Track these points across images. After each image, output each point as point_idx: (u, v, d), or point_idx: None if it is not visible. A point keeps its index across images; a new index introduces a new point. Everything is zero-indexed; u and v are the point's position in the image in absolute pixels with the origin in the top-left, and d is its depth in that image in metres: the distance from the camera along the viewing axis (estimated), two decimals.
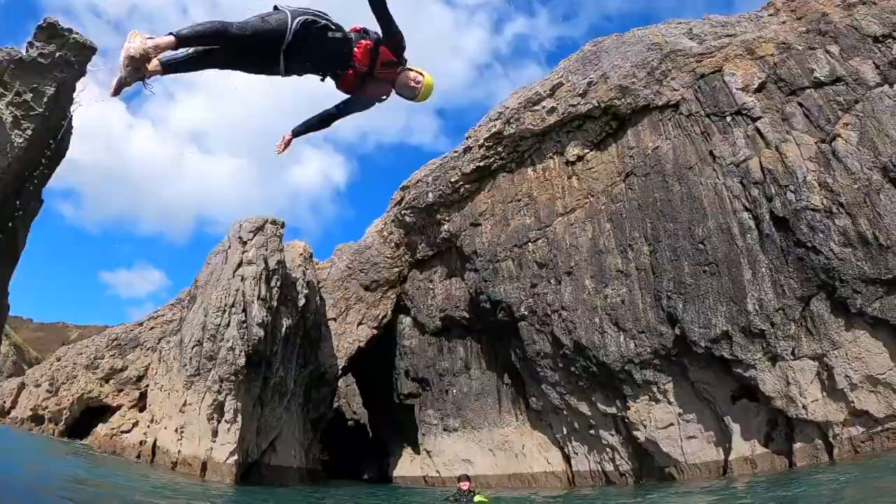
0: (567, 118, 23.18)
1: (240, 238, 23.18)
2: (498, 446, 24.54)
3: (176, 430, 21.02)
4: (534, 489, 21.97)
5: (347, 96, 4.81)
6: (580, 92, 22.78)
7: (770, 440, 17.89)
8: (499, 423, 25.06)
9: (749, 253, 18.46)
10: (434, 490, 22.52)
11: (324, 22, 4.42)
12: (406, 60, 4.68)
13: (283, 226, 24.27)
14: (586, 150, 23.23)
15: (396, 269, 28.55)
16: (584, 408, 21.91)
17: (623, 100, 21.90)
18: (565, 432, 22.78)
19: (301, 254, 25.99)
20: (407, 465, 27.69)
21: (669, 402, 19.89)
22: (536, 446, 23.72)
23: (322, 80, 4.70)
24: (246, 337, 21.42)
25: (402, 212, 27.84)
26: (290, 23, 4.25)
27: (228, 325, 21.23)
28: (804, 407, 16.93)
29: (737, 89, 19.65)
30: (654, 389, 20.00)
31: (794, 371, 17.27)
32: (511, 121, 24.36)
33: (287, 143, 4.86)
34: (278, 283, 23.03)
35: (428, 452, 26.61)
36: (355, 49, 4.50)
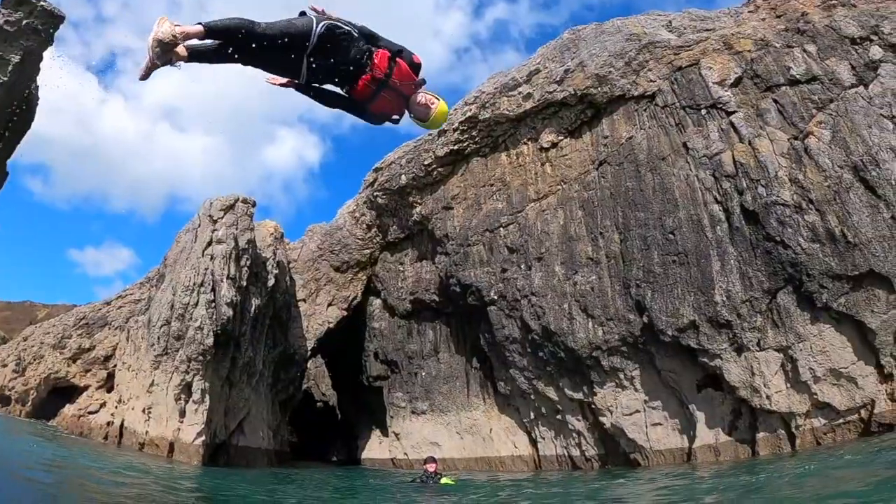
0: (543, 105, 23.18)
1: (210, 216, 22.81)
2: (466, 429, 24.72)
3: (143, 411, 20.76)
4: (500, 472, 22.19)
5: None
6: (557, 79, 22.77)
7: (734, 429, 18.27)
8: (467, 406, 25.22)
9: (718, 245, 18.70)
10: (402, 472, 22.61)
11: (347, 28, 4.50)
12: (424, 81, 4.70)
13: (254, 205, 23.95)
14: (561, 137, 23.28)
15: (367, 251, 28.44)
16: (551, 393, 22.14)
17: (599, 88, 21.96)
18: (532, 417, 23.01)
19: (272, 233, 25.69)
20: (375, 448, 27.76)
21: (636, 390, 20.19)
22: (504, 430, 23.94)
23: (343, 91, 4.68)
24: (214, 316, 21.16)
25: (375, 193, 27.69)
26: (315, 26, 4.35)
27: (197, 304, 20.94)
28: (768, 397, 17.29)
29: (713, 83, 19.80)
30: (621, 376, 20.28)
31: (759, 362, 17.61)
32: (487, 105, 24.30)
33: (285, 84, 4.75)
34: (248, 263, 22.75)
35: (396, 435, 26.72)
36: (375, 56, 4.57)
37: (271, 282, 24.29)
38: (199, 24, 4.11)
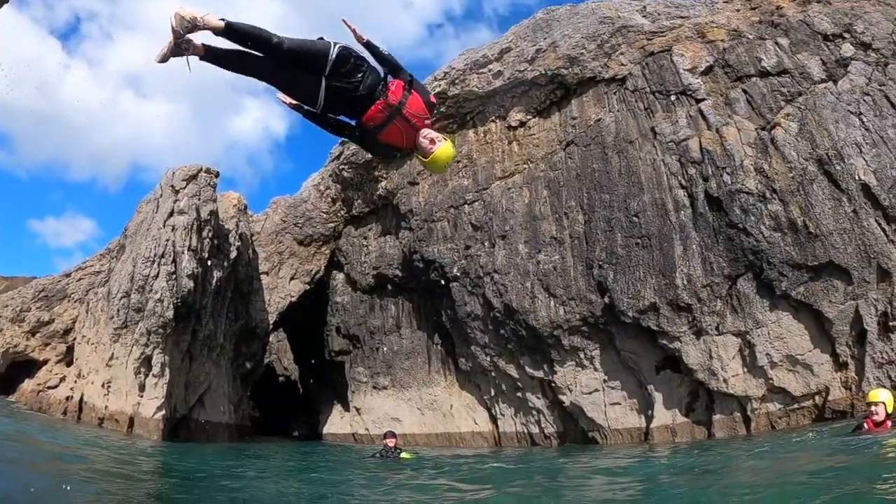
0: (513, 83, 23.06)
1: (172, 187, 22.25)
2: (426, 405, 24.86)
3: (103, 385, 20.33)
4: (460, 448, 22.43)
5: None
6: (528, 58, 22.66)
7: (691, 411, 18.74)
8: (428, 382, 25.34)
9: (681, 229, 18.99)
10: (362, 447, 22.70)
11: (362, 55, 4.56)
12: (436, 118, 4.75)
13: (217, 175, 23.43)
14: (529, 117, 23.26)
15: (332, 225, 28.15)
16: (512, 370, 22.37)
17: (570, 70, 21.93)
18: (493, 394, 23.24)
19: (235, 205, 25.20)
20: (337, 423, 27.77)
21: (595, 369, 20.53)
22: (464, 406, 24.14)
23: (354, 121, 4.67)
24: (175, 289, 20.76)
25: (341, 167, 27.35)
26: (332, 48, 4.40)
27: (157, 276, 20.49)
28: (725, 381, 17.76)
29: (684, 70, 19.92)
30: (581, 356, 20.58)
31: (717, 346, 18.05)
32: (456, 82, 24.09)
33: (294, 106, 4.75)
34: (210, 234, 22.31)
35: (357, 410, 26.75)
36: (391, 84, 4.55)
37: (233, 254, 23.90)
38: (222, 19, 4.11)
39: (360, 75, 4.41)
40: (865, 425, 9.34)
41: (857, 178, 16.45)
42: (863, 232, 16.07)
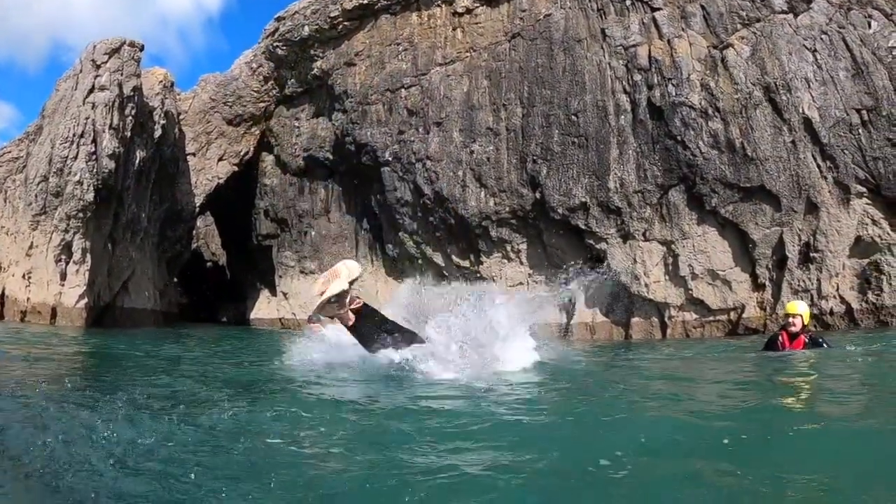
0: None
1: (93, 61, 20.55)
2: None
3: (24, 277, 19.41)
4: None
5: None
6: None
7: (611, 311, 19.45)
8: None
9: (619, 133, 19.02)
10: (289, 332, 22.82)
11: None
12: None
13: (141, 49, 21.67)
14: (476, 4, 22.25)
15: (263, 105, 26.84)
16: (438, 259, 22.61)
17: None
18: (418, 280, 23.48)
19: (161, 81, 23.56)
20: (264, 308, 27.71)
21: (521, 262, 20.96)
22: (390, 292, 24.35)
23: None
24: (95, 170, 19.67)
25: (275, 44, 25.78)
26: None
27: (76, 157, 19.30)
28: (646, 286, 18.46)
29: None
30: (508, 248, 20.92)
31: (642, 251, 18.62)
32: None
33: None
34: (133, 112, 20.96)
35: (284, 294, 26.70)
36: None
37: (158, 133, 22.63)
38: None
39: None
40: (780, 338, 9.68)
41: (801, 111, 16.58)
42: (798, 163, 16.39)
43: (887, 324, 15.08)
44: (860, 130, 16.17)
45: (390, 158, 23.20)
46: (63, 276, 19.21)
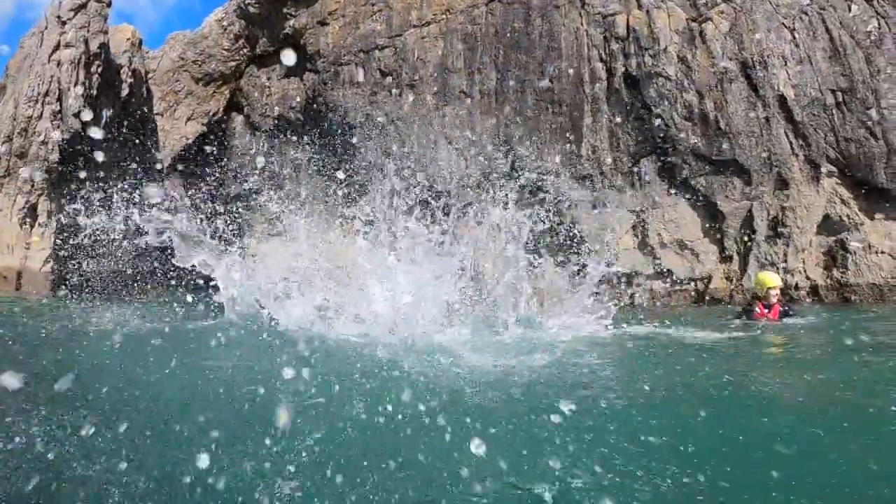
0: None
1: (58, 17, 19.91)
2: (322, 254, 24.79)
3: None
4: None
5: None
6: None
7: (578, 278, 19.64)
8: (325, 230, 25.14)
9: (594, 101, 19.04)
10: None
11: None
12: None
13: (109, 5, 20.97)
14: None
15: (233, 63, 26.20)
16: (410, 222, 22.52)
17: None
18: (391, 241, 23.46)
19: (129, 39, 22.89)
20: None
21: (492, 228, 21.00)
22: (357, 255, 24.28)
23: None
24: (61, 129, 19.26)
25: (246, 2, 25.10)
26: None
27: (41, 116, 18.84)
28: (615, 255, 18.64)
29: None
30: (474, 209, 20.93)
31: (612, 219, 18.77)
32: None
33: None
34: (100, 70, 20.43)
35: (253, 257, 26.47)
36: None
37: (125, 92, 22.10)
38: None
39: None
40: (757, 309, 9.90)
41: (776, 88, 16.72)
42: (770, 140, 16.57)
43: (851, 300, 15.49)
44: (834, 111, 16.37)
45: (362, 120, 22.98)
46: (28, 241, 18.90)
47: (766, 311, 9.87)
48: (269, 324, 8.07)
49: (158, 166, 24.36)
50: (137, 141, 23.17)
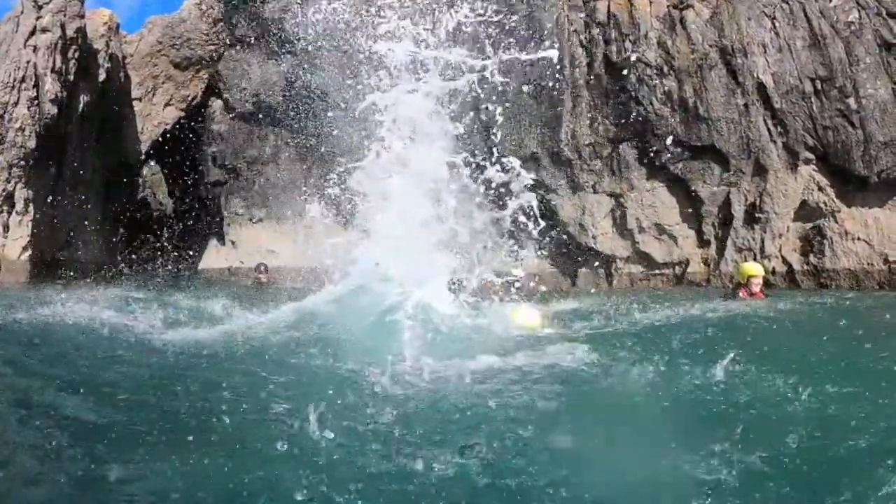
0: None
1: (34, 2, 19.50)
2: (303, 238, 24.72)
3: None
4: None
5: None
6: None
7: (558, 262, 19.79)
8: (304, 214, 25.03)
9: (574, 86, 19.13)
10: (236, 281, 22.65)
11: None
12: None
13: None
14: None
15: (212, 48, 25.83)
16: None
17: None
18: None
19: (106, 23, 22.45)
20: (213, 257, 27.19)
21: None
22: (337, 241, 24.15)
23: None
24: (37, 115, 18.90)
25: None
26: None
27: (17, 102, 18.50)
28: (594, 238, 18.89)
29: None
30: None
31: (591, 203, 18.96)
32: None
33: None
34: (77, 55, 20.06)
35: (233, 243, 26.29)
36: None
37: (102, 76, 21.73)
38: None
39: None
40: (741, 294, 10.07)
41: (755, 75, 16.92)
42: (749, 126, 16.77)
43: (827, 286, 15.78)
44: (812, 99, 16.59)
45: (342, 104, 22.85)
46: (6, 228, 18.62)
47: (749, 297, 10.03)
48: None
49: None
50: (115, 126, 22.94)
